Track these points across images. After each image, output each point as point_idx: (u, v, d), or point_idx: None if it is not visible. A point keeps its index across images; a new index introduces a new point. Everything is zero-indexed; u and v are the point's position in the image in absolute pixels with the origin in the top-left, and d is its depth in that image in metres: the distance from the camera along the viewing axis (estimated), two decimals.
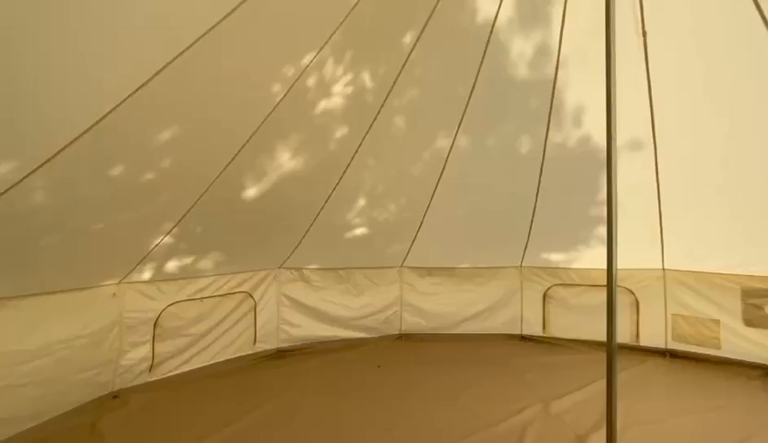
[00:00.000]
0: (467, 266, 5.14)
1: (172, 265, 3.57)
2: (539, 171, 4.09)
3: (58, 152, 2.09)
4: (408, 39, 3.13)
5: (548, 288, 4.97)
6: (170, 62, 2.10)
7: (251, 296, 4.23)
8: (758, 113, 3.16)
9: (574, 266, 4.83)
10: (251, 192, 3.44)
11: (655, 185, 3.88)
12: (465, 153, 4.05)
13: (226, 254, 3.87)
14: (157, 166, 2.64)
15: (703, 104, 3.34)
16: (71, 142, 2.09)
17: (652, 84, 3.34)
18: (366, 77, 3.17)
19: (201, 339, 3.88)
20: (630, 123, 3.58)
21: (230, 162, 2.99)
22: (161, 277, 3.59)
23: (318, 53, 2.75)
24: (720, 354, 4.05)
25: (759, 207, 3.53)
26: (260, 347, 4.30)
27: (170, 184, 2.82)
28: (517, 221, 4.62)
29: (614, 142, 1.94)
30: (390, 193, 4.29)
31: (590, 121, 3.70)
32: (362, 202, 4.19)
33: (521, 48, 3.37)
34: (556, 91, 3.57)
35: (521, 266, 5.10)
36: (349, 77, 3.07)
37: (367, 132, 3.54)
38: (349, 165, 3.73)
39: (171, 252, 3.43)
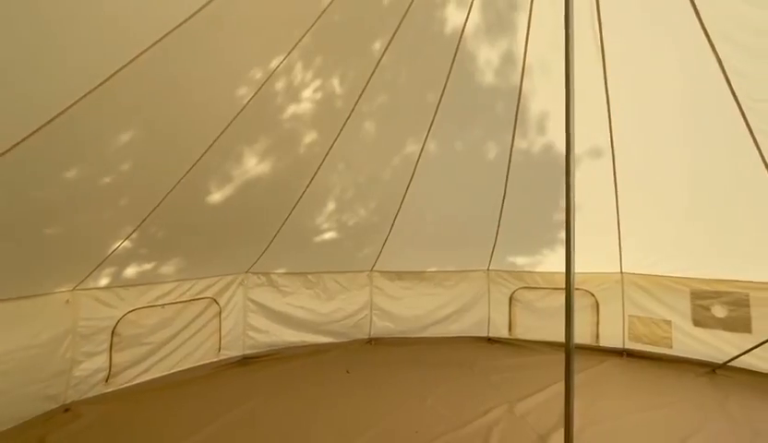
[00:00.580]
0: (436, 269, 5.21)
1: (131, 270, 3.43)
2: (505, 176, 4.20)
3: (4, 153, 1.96)
4: (378, 45, 3.15)
5: (514, 291, 5.11)
6: (131, 61, 2.02)
7: (216, 302, 4.12)
8: (707, 126, 3.36)
9: (539, 269, 4.98)
10: (217, 196, 3.35)
11: (614, 192, 4.08)
12: (434, 158, 4.11)
13: (190, 259, 3.76)
14: (116, 169, 2.53)
15: (658, 115, 3.53)
16: (20, 142, 1.97)
17: (610, 95, 3.51)
18: (336, 83, 3.17)
19: (162, 347, 3.73)
20: (590, 132, 3.75)
21: (193, 166, 2.90)
22: (119, 283, 3.43)
23: (286, 57, 2.73)
24: (672, 353, 4.28)
25: (706, 214, 3.76)
26: (225, 354, 4.18)
27: (130, 187, 2.71)
28: (484, 225, 4.73)
29: (572, 151, 2.02)
30: (360, 197, 4.29)
31: (553, 129, 3.84)
32: (331, 206, 4.17)
33: (488, 56, 3.46)
34: (521, 99, 3.68)
35: (488, 269, 5.22)
36: (318, 82, 3.06)
37: (337, 137, 3.53)
38: (318, 170, 3.71)
39: (130, 257, 3.29)
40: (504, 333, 5.10)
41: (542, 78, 3.54)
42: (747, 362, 3.81)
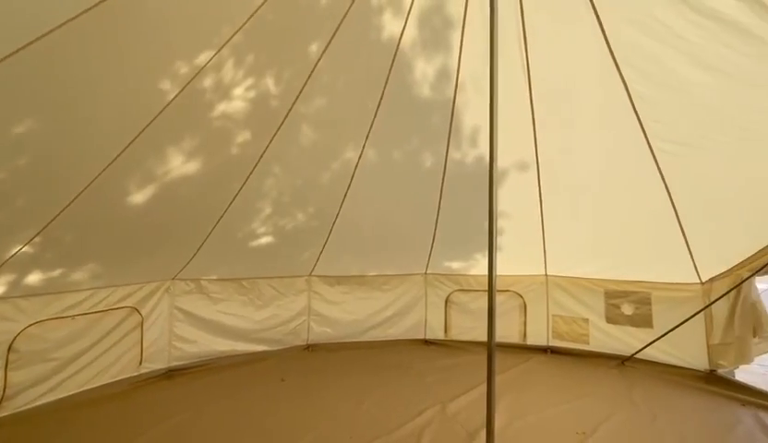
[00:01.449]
0: (376, 274, 5.25)
1: (34, 278, 3.07)
2: (441, 185, 4.35)
3: None
4: (315, 47, 3.12)
5: (450, 293, 5.28)
6: (27, 45, 1.82)
7: (138, 311, 3.81)
8: (616, 143, 3.71)
9: (473, 272, 5.20)
10: (138, 197, 3.11)
11: (539, 202, 4.37)
12: (373, 165, 4.14)
13: (107, 265, 3.45)
14: (9, 165, 2.25)
15: (576, 131, 3.83)
16: None
17: (534, 110, 3.77)
18: (271, 83, 3.08)
19: (72, 362, 3.37)
20: (517, 145, 3.99)
21: (110, 164, 2.67)
22: (19, 292, 3.06)
23: (216, 54, 2.61)
24: (588, 348, 4.66)
25: (617, 222, 4.16)
26: (148, 367, 3.87)
27: (29, 186, 2.42)
28: (422, 230, 4.86)
29: (495, 163, 2.13)
30: (299, 202, 4.21)
31: (485, 142, 4.00)
32: (268, 210, 4.05)
33: (424, 70, 3.56)
34: (455, 113, 3.83)
35: (426, 273, 5.36)
36: (251, 80, 2.96)
37: (272, 138, 3.44)
38: (252, 172, 3.58)
39: (33, 263, 2.94)
40: (440, 335, 5.26)
41: (474, 94, 3.71)
42: (649, 354, 4.26)
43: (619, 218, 4.14)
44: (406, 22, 3.22)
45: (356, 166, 4.04)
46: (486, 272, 5.00)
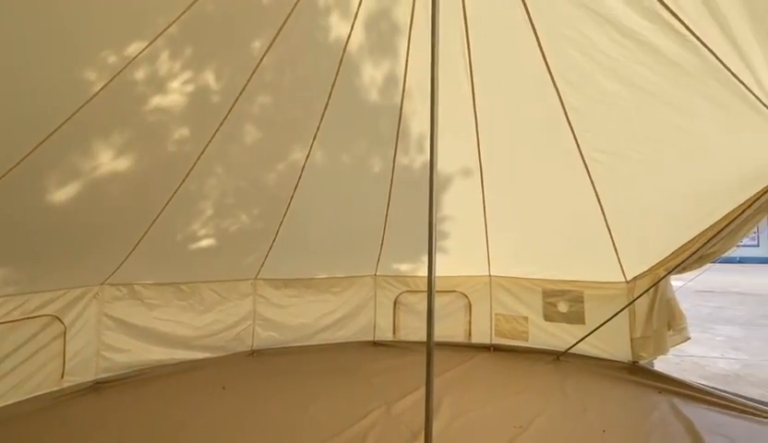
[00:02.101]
0: (325, 276, 5.19)
1: None
2: (389, 188, 4.39)
3: None
4: (258, 44, 3.04)
5: (399, 295, 5.35)
6: None
7: (59, 320, 3.50)
8: (552, 150, 3.93)
9: (420, 274, 5.30)
10: (59, 195, 2.86)
11: (482, 206, 4.54)
12: (321, 168, 4.10)
13: (22, 269, 3.14)
14: None
15: (515, 138, 4.03)
16: None
17: (478, 118, 3.91)
18: (211, 78, 2.96)
19: None
20: (462, 152, 4.13)
21: (24, 159, 2.43)
22: None
23: (149, 45, 2.46)
24: (528, 345, 4.90)
25: (553, 226, 4.42)
26: (71, 380, 3.55)
27: None
28: (371, 233, 4.87)
29: (435, 168, 2.18)
30: (243, 203, 4.08)
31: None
32: (209, 211, 3.88)
33: (372, 74, 3.58)
34: (402, 119, 3.88)
35: (375, 275, 5.38)
36: (189, 74, 2.82)
37: (213, 136, 3.30)
38: (191, 170, 3.41)
39: None
40: (389, 336, 5.30)
41: (421, 101, 3.78)
42: (581, 348, 4.55)
43: (556, 221, 4.40)
44: (353, 25, 3.23)
45: (303, 168, 3.98)
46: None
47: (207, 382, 3.95)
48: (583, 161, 3.78)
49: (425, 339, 5.16)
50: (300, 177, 4.04)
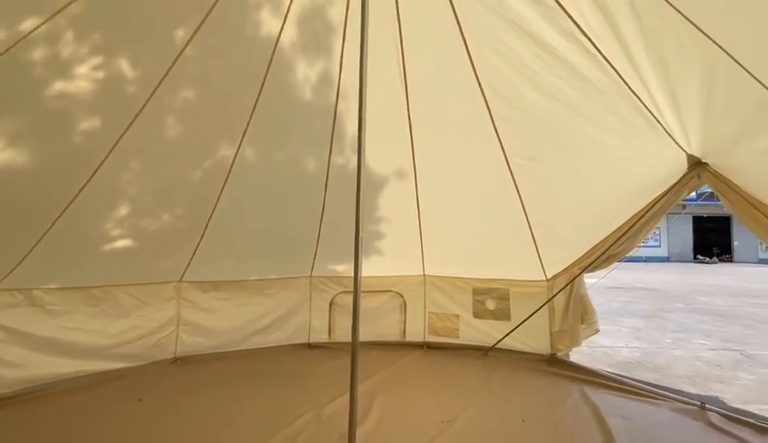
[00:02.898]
0: (257, 278, 5.01)
1: None
2: (324, 189, 4.34)
3: None
4: (181, 33, 2.85)
5: (335, 295, 5.30)
6: None
7: None
8: (481, 155, 4.12)
9: None
10: None
11: (416, 207, 4.65)
12: (252, 166, 3.94)
13: None
14: None
15: (447, 142, 4.17)
16: None
17: (412, 120, 4.00)
18: (125, 65, 2.73)
19: None
20: (397, 154, 4.20)
21: None
22: None
23: (45, 22, 2.21)
24: (458, 342, 5.09)
25: (482, 227, 4.63)
26: None
27: None
28: (306, 233, 4.79)
29: (362, 169, 2.21)
30: (164, 201, 3.80)
31: (366, 149, 4.12)
32: (124, 210, 3.57)
33: (305, 72, 3.51)
34: (337, 119, 3.85)
35: (310, 276, 5.28)
36: (99, 59, 2.57)
37: (128, 128, 3.04)
38: (102, 164, 3.12)
39: None
40: (324, 338, 5.23)
41: (355, 101, 3.75)
42: (507, 343, 4.81)
43: (485, 222, 4.61)
44: (284, 22, 3.14)
45: (232, 165, 3.79)
46: (370, 274, 5.23)
47: (120, 394, 3.62)
48: (508, 165, 4.01)
49: (361, 339, 5.21)
50: (229, 175, 3.85)
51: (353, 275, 5.18)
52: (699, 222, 27.60)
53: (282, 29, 3.13)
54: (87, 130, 2.87)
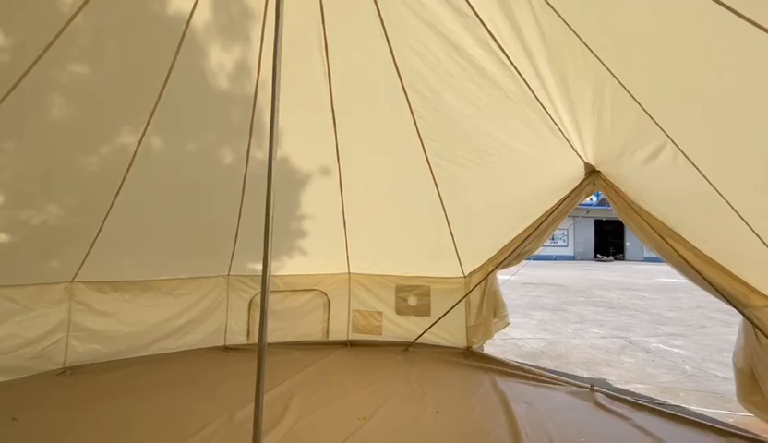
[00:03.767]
0: (167, 277, 4.62)
1: None
2: (242, 183, 4.12)
3: None
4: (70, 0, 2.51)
5: (254, 295, 5.07)
6: None
7: None
8: (403, 155, 4.20)
9: (280, 273, 5.12)
10: None
11: (341, 205, 4.62)
12: (160, 155, 3.62)
13: None
14: None
15: (372, 140, 4.19)
16: None
17: (336, 116, 3.95)
18: None
19: None
20: (321, 150, 4.13)
21: None
22: None
23: None
24: (382, 339, 5.16)
25: (406, 224, 4.73)
26: None
27: None
28: (223, 230, 4.52)
29: (273, 161, 2.10)
30: (51, 190, 3.34)
31: (288, 143, 4.01)
32: None
33: (220, 58, 3.30)
34: (257, 111, 3.68)
35: (228, 275, 5.00)
36: None
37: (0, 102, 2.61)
38: None
39: None
40: (242, 340, 4.99)
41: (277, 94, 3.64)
42: (427, 338, 4.98)
43: (407, 221, 4.71)
44: (197, 1, 2.91)
45: (135, 153, 3.45)
46: (293, 272, 5.09)
47: None
48: (429, 166, 4.14)
49: (282, 340, 5.09)
50: (132, 164, 3.49)
51: (277, 274, 5.10)
52: (599, 225, 31.10)
53: (194, 7, 2.90)
54: None
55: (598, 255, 31.10)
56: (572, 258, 30.17)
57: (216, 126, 3.71)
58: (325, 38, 3.41)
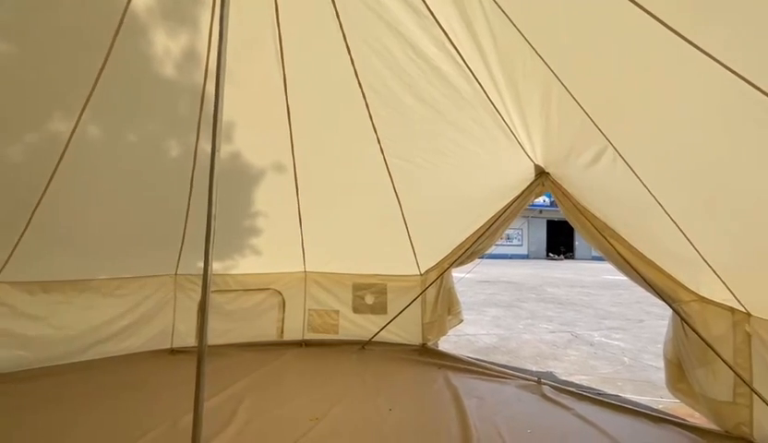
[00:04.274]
0: (107, 277, 4.32)
1: None
2: (190, 177, 3.93)
3: None
4: None
5: None
6: None
7: None
8: (358, 152, 4.16)
9: (232, 272, 4.94)
10: None
11: (297, 203, 4.52)
12: (98, 145, 3.37)
13: None
14: None
15: (329, 137, 4.12)
16: None
17: (291, 112, 3.85)
18: None
19: None
20: (275, 147, 4.02)
21: None
22: None
23: None
24: (338, 338, 5.10)
25: (363, 223, 4.70)
26: None
27: None
28: (170, 227, 4.28)
29: (218, 156, 2.01)
30: None
31: (240, 138, 3.86)
32: None
33: (165, 44, 3.11)
34: (205, 102, 3.50)
35: (176, 274, 4.76)
36: None
37: None
38: None
39: None
40: (190, 342, 4.76)
41: (228, 86, 3.48)
42: (383, 336, 4.98)
43: (364, 219, 4.69)
44: None
45: (68, 143, 3.18)
46: (246, 271, 4.92)
47: None
48: (386, 165, 4.13)
49: (234, 341, 4.92)
50: (64, 154, 3.22)
51: (229, 273, 4.92)
52: (551, 226, 32.66)
53: None
54: None
55: (550, 254, 32.65)
56: (526, 257, 31.47)
57: (161, 116, 3.51)
58: (279, 30, 3.31)
